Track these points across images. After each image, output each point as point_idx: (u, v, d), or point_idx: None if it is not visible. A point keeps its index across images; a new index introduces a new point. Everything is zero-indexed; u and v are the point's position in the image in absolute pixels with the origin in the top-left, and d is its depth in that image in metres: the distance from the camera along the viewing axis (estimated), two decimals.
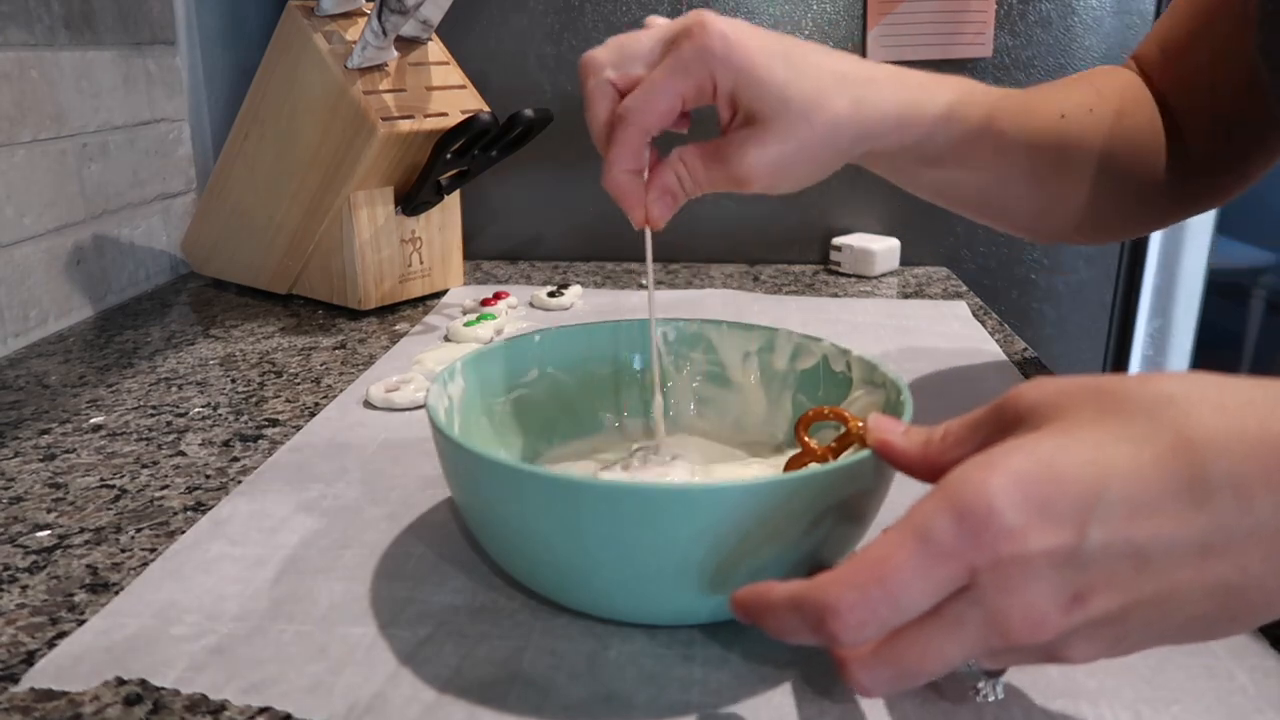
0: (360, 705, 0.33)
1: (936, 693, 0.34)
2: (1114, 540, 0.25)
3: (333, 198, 0.78)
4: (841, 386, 0.47)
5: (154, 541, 0.45)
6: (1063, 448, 0.26)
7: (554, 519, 0.34)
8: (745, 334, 0.51)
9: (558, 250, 1.07)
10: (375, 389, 0.62)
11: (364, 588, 0.41)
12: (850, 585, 0.26)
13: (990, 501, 0.25)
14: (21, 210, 0.75)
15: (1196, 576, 0.26)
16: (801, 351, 0.49)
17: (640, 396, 0.52)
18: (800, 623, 0.28)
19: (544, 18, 1.00)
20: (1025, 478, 0.26)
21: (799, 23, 0.98)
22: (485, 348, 0.48)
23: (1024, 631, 0.26)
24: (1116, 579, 0.26)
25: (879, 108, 0.46)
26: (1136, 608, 0.26)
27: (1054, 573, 0.26)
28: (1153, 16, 0.96)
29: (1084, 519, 0.25)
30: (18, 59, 0.74)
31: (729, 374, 0.51)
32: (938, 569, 0.26)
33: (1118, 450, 0.26)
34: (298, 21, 0.76)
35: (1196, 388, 0.27)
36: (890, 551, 0.26)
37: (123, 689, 0.34)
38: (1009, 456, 0.26)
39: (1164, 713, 0.33)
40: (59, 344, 0.76)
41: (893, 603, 0.26)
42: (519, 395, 0.49)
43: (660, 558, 0.34)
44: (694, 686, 0.34)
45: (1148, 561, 0.26)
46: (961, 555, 0.26)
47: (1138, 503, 0.25)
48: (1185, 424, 0.26)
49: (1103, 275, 1.06)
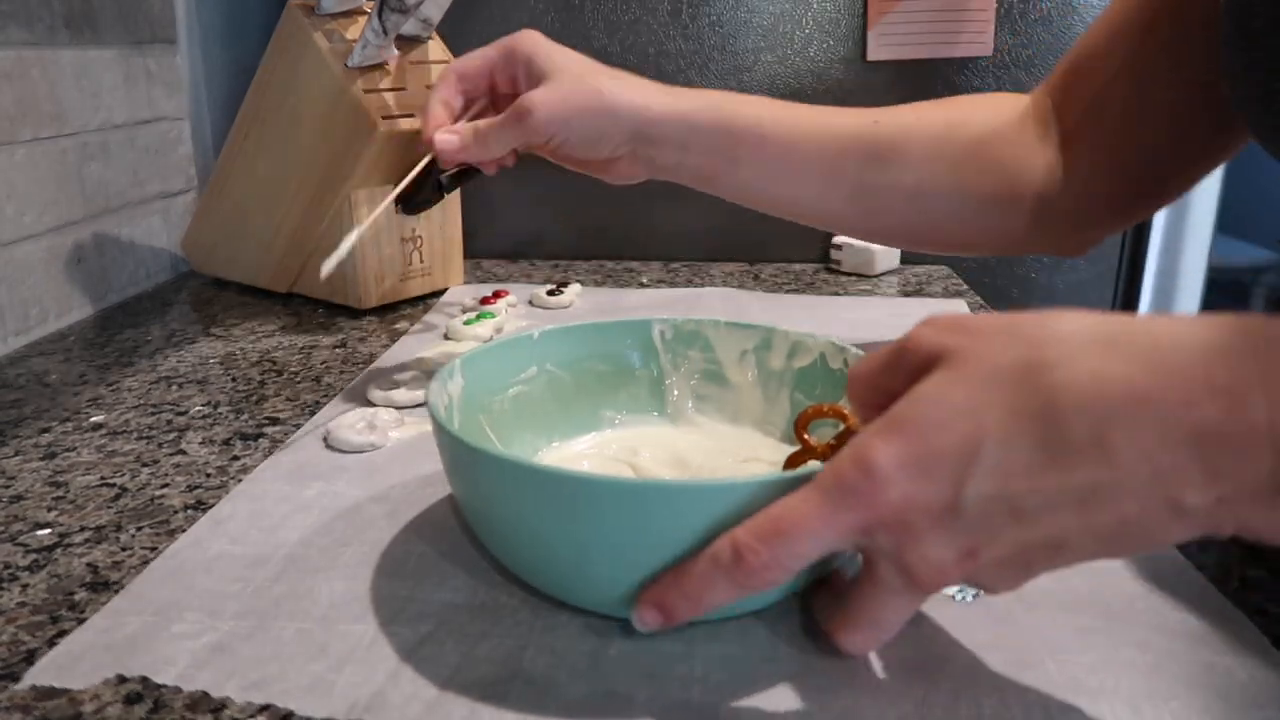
0: (361, 703, 0.33)
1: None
2: (990, 497, 0.28)
3: (333, 196, 0.78)
4: (840, 384, 0.47)
5: (154, 540, 0.45)
6: (943, 414, 0.29)
7: (553, 514, 0.34)
8: (742, 332, 0.51)
9: (558, 249, 1.07)
10: (375, 387, 0.62)
11: (364, 586, 0.41)
12: (758, 536, 0.31)
13: (874, 466, 0.29)
14: (22, 209, 0.75)
15: (1079, 523, 0.28)
16: (799, 349, 0.49)
17: (637, 394, 0.52)
18: (718, 574, 0.32)
19: (544, 16, 1.00)
20: (907, 447, 0.29)
21: (799, 22, 0.98)
22: (484, 346, 0.48)
23: (931, 580, 0.30)
24: (1000, 533, 0.29)
25: (640, 90, 0.58)
26: (1030, 550, 0.29)
27: (939, 528, 0.29)
28: None
29: (960, 480, 0.28)
30: (18, 58, 0.74)
31: (726, 372, 0.52)
32: (832, 525, 0.30)
33: (991, 415, 0.28)
34: (298, 20, 0.76)
35: (1073, 345, 0.28)
36: (790, 509, 0.31)
37: (123, 687, 0.34)
38: (894, 425, 0.30)
39: (1163, 709, 0.33)
40: (59, 343, 0.76)
41: (792, 552, 0.31)
42: (518, 392, 0.49)
43: (660, 554, 0.34)
44: (694, 685, 0.34)
45: (1025, 514, 0.28)
46: (852, 512, 0.30)
47: (1007, 466, 0.28)
48: (1055, 389, 0.28)
49: (1103, 274, 1.06)
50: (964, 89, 0.98)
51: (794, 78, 1.00)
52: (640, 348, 0.52)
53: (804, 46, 0.99)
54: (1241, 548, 0.43)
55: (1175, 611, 0.38)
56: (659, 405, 0.52)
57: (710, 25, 0.99)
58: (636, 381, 0.52)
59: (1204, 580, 0.40)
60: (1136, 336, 0.28)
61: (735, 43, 1.00)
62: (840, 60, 0.99)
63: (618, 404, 0.52)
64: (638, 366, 0.52)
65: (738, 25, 0.99)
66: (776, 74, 1.00)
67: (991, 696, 0.33)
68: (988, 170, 0.60)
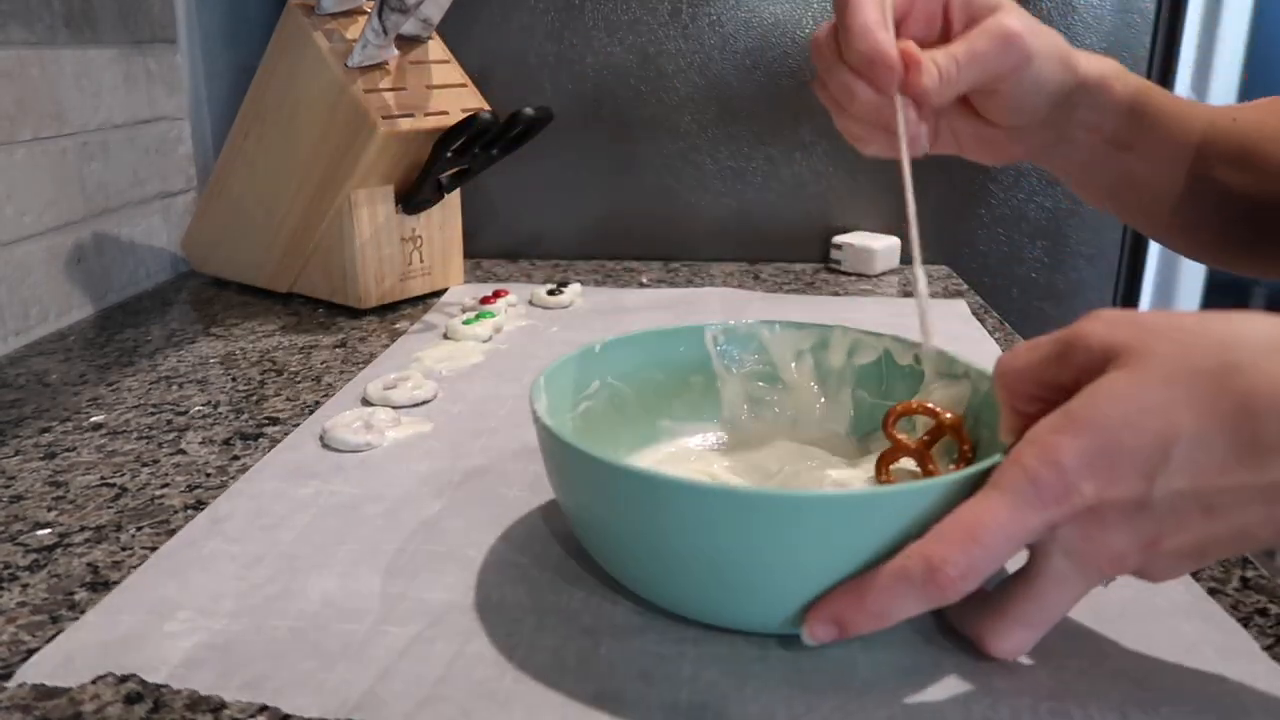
0: (353, 701, 0.33)
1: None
2: (1181, 493, 0.29)
3: (333, 196, 0.78)
4: (910, 379, 0.46)
5: (154, 540, 0.45)
6: (1131, 411, 0.29)
7: (728, 533, 0.33)
8: (798, 332, 0.50)
9: (558, 249, 1.07)
10: (372, 387, 0.62)
11: (359, 584, 0.41)
12: (951, 544, 0.31)
13: (1064, 468, 0.30)
14: (22, 209, 0.75)
15: (1264, 517, 0.29)
16: (859, 347, 0.48)
17: (692, 401, 0.50)
18: (908, 588, 0.31)
19: (544, 16, 1.01)
20: (1095, 443, 0.29)
21: (799, 22, 0.98)
22: (559, 361, 0.46)
23: (1109, 568, 0.31)
24: (1187, 523, 0.30)
25: (1079, 53, 0.49)
26: (1211, 541, 0.30)
27: (1126, 521, 0.30)
28: (1153, 14, 0.96)
29: (1151, 476, 0.29)
30: (18, 57, 0.75)
31: (781, 373, 0.50)
32: (1027, 523, 0.30)
33: (1183, 415, 0.29)
34: (298, 20, 0.76)
35: (1262, 349, 0.29)
36: (980, 514, 0.31)
37: (123, 687, 0.34)
38: (1078, 421, 0.30)
39: (1153, 714, 0.33)
40: (59, 342, 0.76)
41: (988, 557, 0.31)
42: (585, 408, 0.47)
43: (841, 567, 0.33)
44: (685, 685, 0.34)
45: (1214, 509, 0.29)
46: (1046, 509, 0.30)
47: (1202, 464, 0.29)
48: (1246, 390, 0.28)
49: (1103, 274, 1.05)
50: None
51: (794, 78, 1.00)
52: (693, 354, 0.50)
53: (804, 46, 0.99)
54: None
55: (1167, 617, 0.38)
56: (714, 411, 0.51)
57: (710, 25, 0.99)
58: (690, 389, 0.50)
59: (1196, 585, 0.40)
60: None
61: (735, 43, 1.00)
62: None
63: (674, 413, 0.50)
64: (691, 373, 0.50)
65: (738, 25, 0.99)
66: (776, 74, 1.00)
67: (981, 700, 0.33)
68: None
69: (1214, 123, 0.52)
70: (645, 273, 0.99)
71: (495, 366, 0.69)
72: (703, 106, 1.02)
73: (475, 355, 0.71)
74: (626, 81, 1.02)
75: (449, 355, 0.70)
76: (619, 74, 1.01)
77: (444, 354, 0.70)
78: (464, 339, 0.74)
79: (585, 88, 1.02)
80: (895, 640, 0.37)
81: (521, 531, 0.45)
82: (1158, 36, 0.97)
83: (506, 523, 0.46)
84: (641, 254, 1.06)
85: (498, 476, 0.51)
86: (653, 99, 1.02)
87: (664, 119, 1.02)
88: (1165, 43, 0.96)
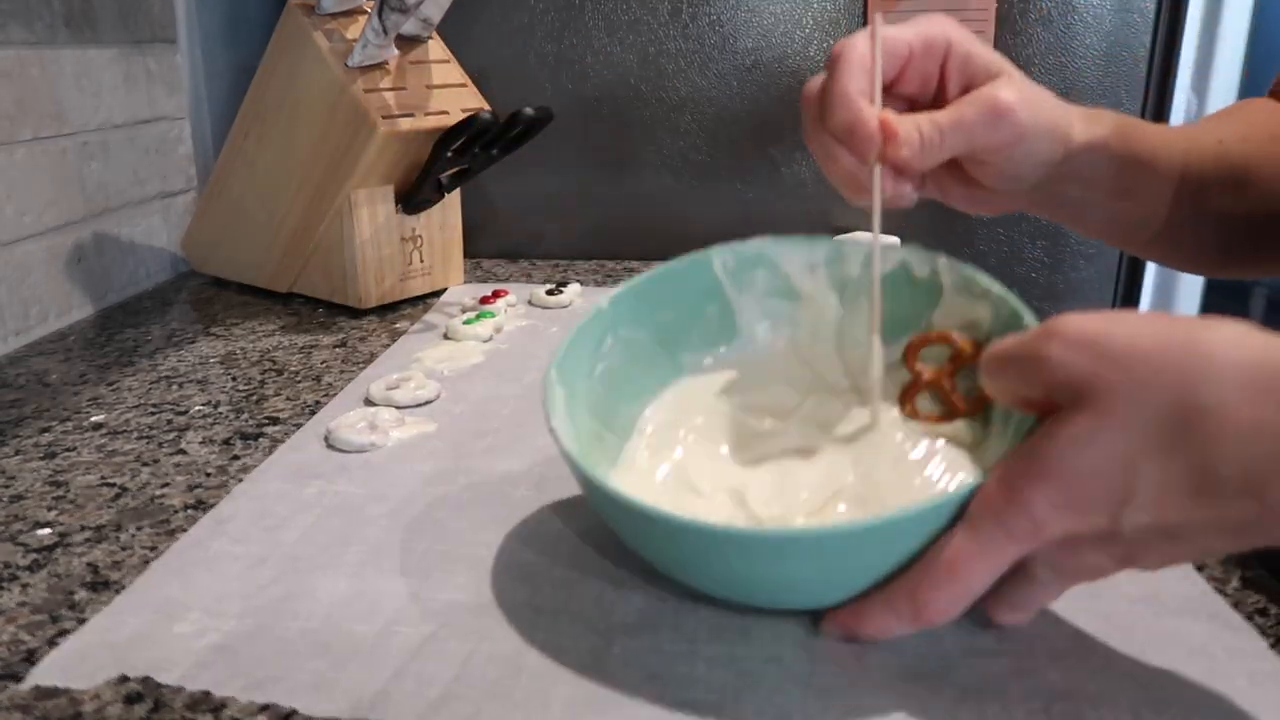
0: (364, 702, 0.33)
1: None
2: (1146, 527, 0.31)
3: (333, 196, 0.78)
4: (928, 294, 0.44)
5: (155, 540, 0.45)
6: (1096, 460, 0.31)
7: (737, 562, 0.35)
8: (808, 246, 0.48)
9: (558, 249, 1.07)
10: (375, 387, 0.62)
11: (366, 585, 0.41)
12: (931, 585, 0.34)
13: (1033, 514, 0.32)
14: (22, 209, 0.75)
15: (1228, 543, 0.31)
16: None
17: (709, 330, 0.49)
18: (899, 622, 0.35)
19: (544, 16, 1.00)
20: (1062, 491, 0.31)
21: (799, 21, 0.98)
22: (566, 341, 0.44)
23: (1089, 578, 0.34)
24: (1155, 548, 0.32)
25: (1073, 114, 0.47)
26: (1181, 554, 0.32)
27: (1099, 546, 0.32)
28: (1154, 14, 0.96)
29: (1116, 515, 0.31)
30: (18, 57, 0.74)
31: (796, 284, 0.48)
32: (999, 560, 0.33)
33: (1145, 461, 0.30)
34: (298, 20, 0.76)
35: (1230, 385, 0.29)
36: (959, 553, 0.33)
37: (123, 687, 0.34)
38: (1046, 469, 0.32)
39: (1163, 714, 0.33)
40: (59, 342, 0.76)
41: (968, 590, 0.34)
42: (603, 369, 0.46)
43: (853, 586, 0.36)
44: (696, 684, 0.34)
45: (1179, 538, 0.31)
46: (1016, 546, 0.33)
47: (1163, 504, 0.31)
48: (1209, 436, 0.29)
49: (1103, 273, 1.06)
50: None
51: (794, 77, 1.00)
52: (704, 283, 0.48)
53: (804, 46, 0.99)
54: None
55: (1175, 618, 0.38)
56: (732, 335, 0.49)
57: (710, 25, 0.99)
58: (706, 319, 0.49)
59: (1204, 586, 0.40)
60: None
61: (735, 43, 1.00)
62: None
63: (692, 345, 0.49)
64: (706, 304, 0.48)
65: (738, 25, 0.99)
66: (776, 74, 1.00)
67: (994, 702, 0.33)
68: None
69: (1194, 148, 0.51)
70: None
71: (496, 366, 0.69)
72: (703, 106, 1.02)
73: (476, 355, 0.71)
74: (626, 81, 1.01)
75: (449, 355, 0.70)
76: (619, 74, 1.01)
77: (444, 354, 0.70)
78: (464, 339, 0.73)
79: (585, 88, 1.02)
80: (907, 641, 0.36)
81: (529, 531, 0.45)
82: (1158, 36, 0.97)
83: (514, 522, 0.46)
84: (641, 254, 1.06)
85: (503, 476, 0.51)
86: (653, 99, 1.02)
87: (664, 119, 1.02)
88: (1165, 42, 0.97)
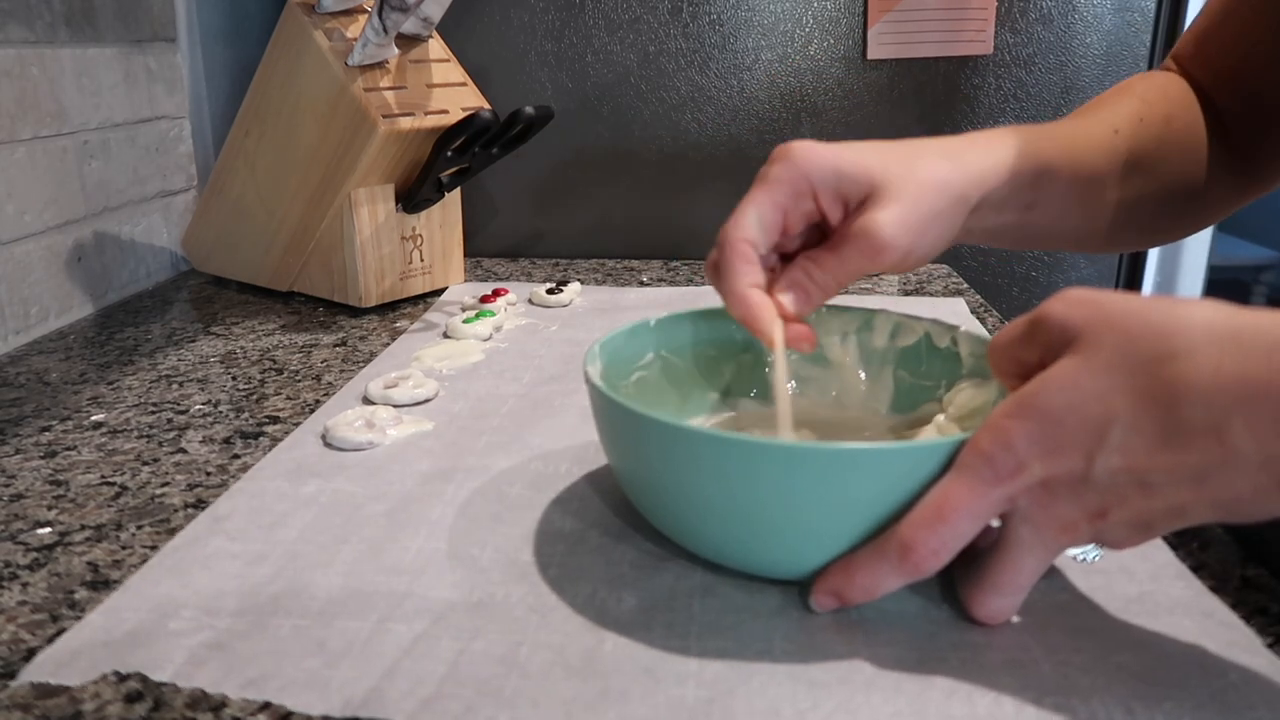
0: (357, 699, 0.33)
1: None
2: (1118, 471, 0.32)
3: (333, 195, 0.78)
4: (948, 362, 0.49)
5: (155, 539, 0.45)
6: (1074, 398, 0.32)
7: (765, 483, 0.36)
8: (845, 315, 0.52)
9: (558, 248, 1.07)
10: (373, 385, 0.62)
11: (362, 582, 0.41)
12: (921, 526, 0.34)
13: (1014, 449, 0.33)
14: (22, 207, 0.75)
15: (1197, 497, 0.31)
16: (901, 330, 0.51)
17: (741, 377, 0.53)
18: (887, 567, 0.35)
19: (545, 14, 1.01)
20: (1041, 426, 0.33)
21: (799, 20, 0.98)
22: (614, 332, 0.48)
23: (1062, 538, 0.34)
24: (1127, 498, 0.32)
25: (974, 163, 0.47)
26: (1152, 515, 0.33)
27: (1073, 494, 0.33)
28: (1153, 13, 0.96)
29: (1091, 456, 0.32)
30: (18, 56, 0.75)
31: (828, 353, 0.53)
32: (986, 501, 0.34)
33: (1119, 400, 0.32)
34: (298, 19, 0.76)
35: (1199, 337, 0.31)
36: (945, 495, 0.34)
37: (123, 685, 0.34)
38: (1028, 407, 0.33)
39: (1156, 709, 0.33)
40: (60, 341, 0.76)
41: (955, 534, 0.34)
42: (639, 378, 0.50)
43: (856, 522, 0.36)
44: (689, 679, 0.34)
45: (1149, 486, 0.32)
46: (998, 489, 0.34)
47: (1134, 446, 0.32)
48: (1175, 377, 0.31)
49: (1104, 272, 1.06)
50: (964, 88, 0.98)
51: (794, 76, 1.00)
52: (743, 333, 0.49)
53: (804, 45, 0.99)
54: (1242, 547, 0.43)
55: (1169, 614, 0.38)
56: (761, 388, 0.53)
57: (710, 24, 0.99)
58: (740, 366, 0.53)
59: (1198, 582, 0.40)
60: (1261, 334, 0.30)
61: (735, 41, 1.00)
62: (840, 59, 0.99)
63: (722, 387, 0.53)
64: (740, 351, 0.52)
65: (738, 24, 0.99)
66: (776, 73, 1.00)
67: (986, 695, 0.34)
68: (1192, 161, 0.56)
69: (1089, 146, 0.52)
70: (645, 271, 0.99)
71: (495, 365, 0.69)
72: (702, 105, 1.02)
73: (475, 354, 0.71)
74: (627, 80, 1.02)
75: (449, 354, 0.70)
76: (619, 73, 1.01)
77: (444, 353, 0.70)
78: (464, 338, 0.74)
79: (585, 86, 1.02)
80: (899, 635, 0.37)
81: (524, 529, 0.45)
82: (1158, 36, 0.97)
83: (509, 520, 0.46)
84: (641, 253, 1.06)
85: (500, 474, 0.51)
86: (653, 98, 1.02)
87: (664, 119, 1.02)
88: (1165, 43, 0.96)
